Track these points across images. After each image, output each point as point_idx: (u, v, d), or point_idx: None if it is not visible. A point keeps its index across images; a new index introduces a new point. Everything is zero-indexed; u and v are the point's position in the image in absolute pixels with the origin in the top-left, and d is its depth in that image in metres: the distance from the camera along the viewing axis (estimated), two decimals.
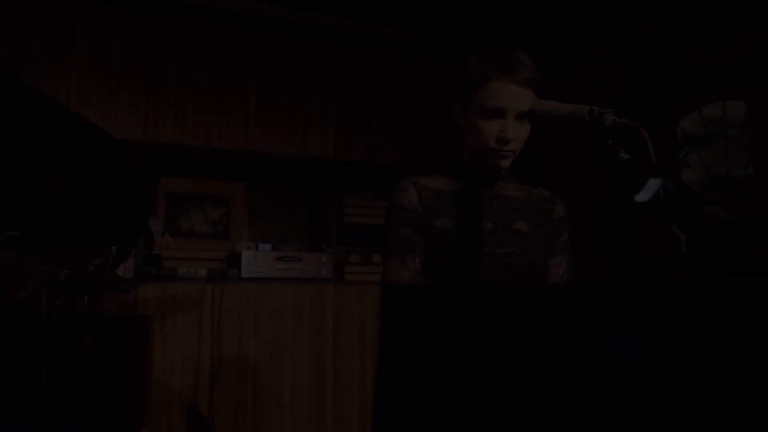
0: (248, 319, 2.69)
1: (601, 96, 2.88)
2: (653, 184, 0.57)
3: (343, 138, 3.08)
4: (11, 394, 1.29)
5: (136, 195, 1.96)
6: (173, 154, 2.83)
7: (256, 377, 2.66)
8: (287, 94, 3.00)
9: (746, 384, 0.30)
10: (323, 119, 3.06)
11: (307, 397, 2.73)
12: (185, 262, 2.72)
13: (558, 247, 1.30)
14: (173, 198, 3.12)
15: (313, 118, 3.03)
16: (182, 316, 2.59)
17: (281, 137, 2.96)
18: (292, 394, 2.70)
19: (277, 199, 3.35)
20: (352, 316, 2.88)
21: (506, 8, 2.86)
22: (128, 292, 1.14)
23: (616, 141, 0.80)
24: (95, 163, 1.83)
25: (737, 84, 2.28)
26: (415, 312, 0.39)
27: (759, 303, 0.29)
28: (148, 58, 2.76)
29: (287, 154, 2.96)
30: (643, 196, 0.58)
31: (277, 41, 3.02)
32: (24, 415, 1.35)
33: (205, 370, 2.58)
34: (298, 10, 2.88)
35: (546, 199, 1.33)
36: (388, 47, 3.22)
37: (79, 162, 1.81)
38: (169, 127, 2.76)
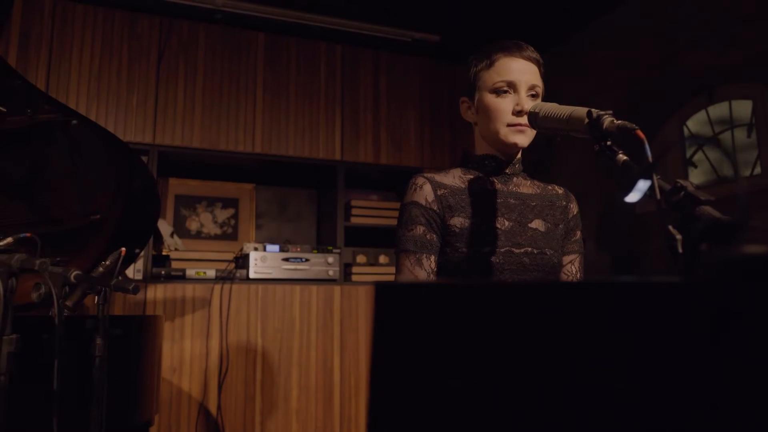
0: (256, 319, 2.71)
1: (607, 98, 2.87)
2: (642, 186, 0.58)
3: (350, 140, 3.10)
4: (24, 392, 1.32)
5: (145, 197, 1.99)
6: (182, 157, 2.86)
7: (264, 377, 2.68)
8: (294, 96, 3.02)
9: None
10: (330, 121, 3.07)
11: (315, 397, 2.75)
12: (194, 263, 2.75)
13: (571, 246, 1.29)
14: (182, 199, 3.15)
15: (320, 120, 3.05)
16: (191, 317, 2.62)
17: (288, 139, 2.98)
18: (300, 394, 2.72)
19: (284, 201, 3.38)
20: (359, 316, 2.89)
21: (515, 13, 2.86)
22: (137, 293, 1.16)
23: (615, 142, 0.81)
24: (105, 165, 1.85)
25: (744, 84, 2.27)
26: (408, 311, 0.39)
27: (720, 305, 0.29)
28: (157, 61, 2.79)
29: (295, 156, 2.98)
30: (632, 197, 0.59)
31: (285, 43, 3.04)
32: (37, 412, 1.38)
33: (214, 369, 2.61)
34: (305, 12, 2.90)
35: (560, 196, 1.31)
36: (396, 49, 3.23)
37: (88, 165, 1.84)
38: (178, 130, 2.79)
